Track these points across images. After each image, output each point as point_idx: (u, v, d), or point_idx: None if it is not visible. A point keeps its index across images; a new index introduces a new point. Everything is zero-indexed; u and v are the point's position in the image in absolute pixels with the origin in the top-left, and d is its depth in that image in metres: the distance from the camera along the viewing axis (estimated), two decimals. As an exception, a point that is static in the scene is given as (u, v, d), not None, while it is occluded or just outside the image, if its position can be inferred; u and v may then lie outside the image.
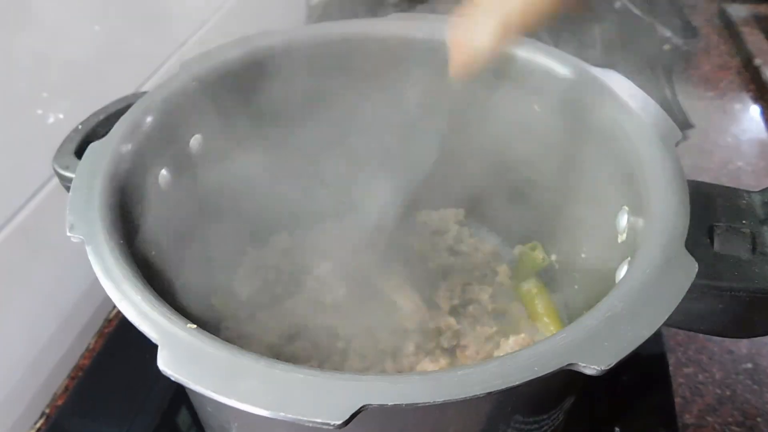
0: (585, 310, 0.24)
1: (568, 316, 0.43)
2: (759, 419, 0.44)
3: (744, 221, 0.29)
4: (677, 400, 0.45)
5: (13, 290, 0.45)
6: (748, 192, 0.30)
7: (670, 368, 0.47)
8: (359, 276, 0.40)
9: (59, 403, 0.47)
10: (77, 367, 0.50)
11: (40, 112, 0.45)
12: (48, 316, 0.49)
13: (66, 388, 0.48)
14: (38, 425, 0.46)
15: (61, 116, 0.46)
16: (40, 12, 0.44)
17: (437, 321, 0.41)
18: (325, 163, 0.43)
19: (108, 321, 0.52)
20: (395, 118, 0.39)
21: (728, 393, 0.46)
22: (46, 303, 0.48)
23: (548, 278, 0.45)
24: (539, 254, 0.44)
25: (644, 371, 0.46)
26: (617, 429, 0.42)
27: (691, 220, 0.27)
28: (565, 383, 0.31)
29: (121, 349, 0.48)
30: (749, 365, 0.47)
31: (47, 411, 0.47)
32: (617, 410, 0.43)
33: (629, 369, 0.45)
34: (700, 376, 0.47)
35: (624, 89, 0.35)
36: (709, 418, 0.44)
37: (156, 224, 0.33)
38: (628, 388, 0.44)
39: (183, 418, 0.44)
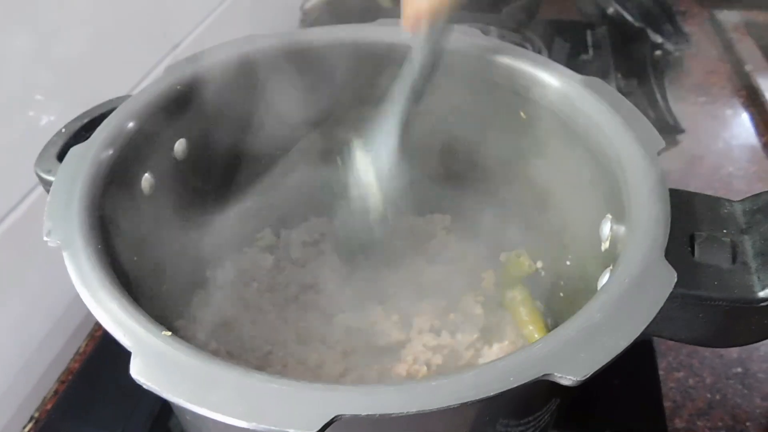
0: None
1: (553, 323, 0.43)
2: (749, 423, 0.44)
3: (725, 230, 0.28)
4: (668, 404, 0.45)
5: (3, 293, 0.45)
6: (730, 201, 0.30)
7: (661, 372, 0.47)
8: (340, 280, 0.40)
9: (48, 407, 0.47)
10: (67, 371, 0.50)
11: (32, 113, 0.45)
12: (38, 320, 0.48)
13: (56, 392, 0.48)
14: (27, 429, 0.46)
15: (53, 118, 0.46)
16: (33, 13, 0.44)
17: (418, 327, 0.41)
18: (311, 167, 0.43)
19: (98, 325, 0.52)
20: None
21: (718, 397, 0.46)
22: (36, 306, 0.48)
23: (534, 286, 0.45)
24: (525, 261, 0.44)
25: (635, 375, 0.46)
26: (607, 432, 0.42)
27: (671, 229, 0.27)
28: (547, 388, 0.30)
29: (111, 352, 0.48)
30: (739, 369, 0.48)
31: (36, 415, 0.47)
32: (607, 414, 0.43)
33: (620, 373, 0.45)
34: (691, 381, 0.47)
35: (608, 97, 0.35)
36: (700, 423, 0.44)
37: (138, 229, 0.33)
38: (618, 392, 0.44)
39: (174, 422, 0.44)
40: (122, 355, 0.24)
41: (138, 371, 0.22)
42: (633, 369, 0.46)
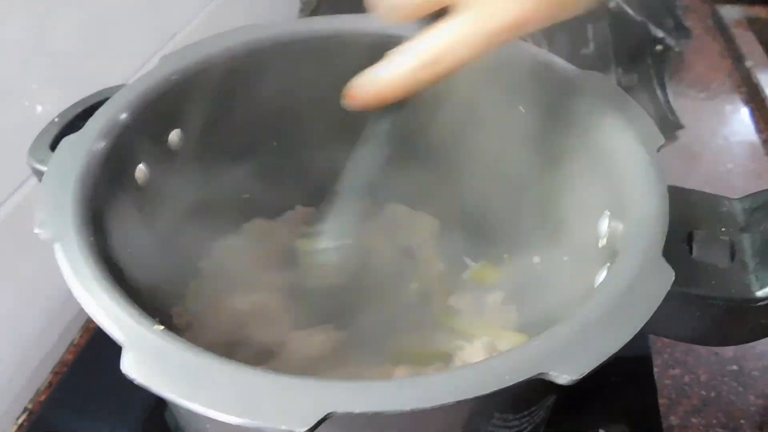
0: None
1: (549, 320, 0.43)
2: (743, 421, 0.44)
3: (723, 228, 0.28)
4: (663, 401, 0.45)
5: (-4, 284, 0.44)
6: (729, 199, 0.30)
7: (656, 370, 0.47)
8: (328, 270, 0.40)
9: (42, 398, 0.47)
10: (61, 363, 0.49)
11: (26, 103, 0.45)
12: (32, 312, 0.48)
13: (50, 384, 0.48)
14: (21, 421, 0.46)
15: (47, 107, 0.45)
16: (27, 1, 0.43)
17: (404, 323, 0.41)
18: (305, 156, 0.43)
19: (92, 316, 0.52)
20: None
21: (713, 395, 0.46)
22: (31, 298, 0.48)
23: (530, 282, 0.45)
24: (489, 273, 0.45)
25: (631, 372, 0.46)
26: (601, 431, 0.42)
27: (670, 227, 0.27)
28: (544, 385, 0.30)
29: (106, 344, 0.47)
30: (734, 367, 0.48)
31: (30, 407, 0.47)
32: (603, 411, 0.43)
33: (615, 370, 0.45)
34: (686, 378, 0.47)
35: (608, 93, 0.34)
36: (694, 420, 0.44)
37: (132, 220, 0.33)
38: (614, 389, 0.44)
39: (169, 414, 0.44)
40: (117, 348, 0.23)
41: (129, 366, 0.22)
42: (628, 366, 0.46)
